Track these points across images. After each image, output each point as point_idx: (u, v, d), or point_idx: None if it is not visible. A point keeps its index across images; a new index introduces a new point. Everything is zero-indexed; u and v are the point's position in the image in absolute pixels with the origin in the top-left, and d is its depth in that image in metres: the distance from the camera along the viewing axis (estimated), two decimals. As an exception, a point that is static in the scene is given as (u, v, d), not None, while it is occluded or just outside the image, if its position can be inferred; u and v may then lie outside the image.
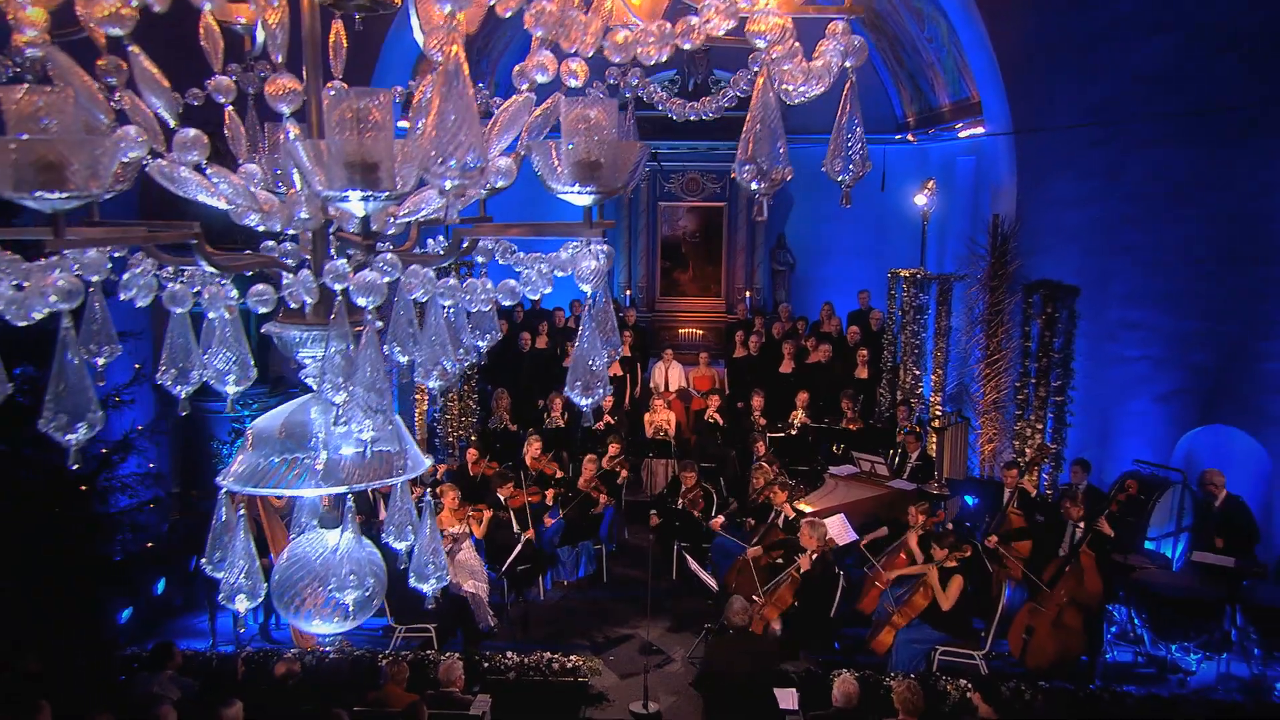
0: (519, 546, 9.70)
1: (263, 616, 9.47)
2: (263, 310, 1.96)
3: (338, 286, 1.69)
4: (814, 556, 8.67)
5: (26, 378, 8.19)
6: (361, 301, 1.67)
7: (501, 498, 10.12)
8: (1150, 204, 10.31)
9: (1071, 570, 8.35)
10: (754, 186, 1.85)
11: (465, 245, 1.92)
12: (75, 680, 7.09)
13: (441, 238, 1.92)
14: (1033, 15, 10.46)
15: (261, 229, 2.01)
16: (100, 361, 1.98)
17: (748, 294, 16.08)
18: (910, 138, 15.33)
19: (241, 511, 2.37)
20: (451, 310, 1.98)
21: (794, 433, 12.33)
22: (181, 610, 9.73)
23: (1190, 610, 8.60)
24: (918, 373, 12.30)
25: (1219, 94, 9.66)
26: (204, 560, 2.35)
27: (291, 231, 2.02)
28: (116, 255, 2.04)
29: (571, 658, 8.15)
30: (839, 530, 9.29)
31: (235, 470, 2.12)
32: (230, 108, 2.27)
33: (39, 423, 1.85)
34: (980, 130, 11.97)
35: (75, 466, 1.94)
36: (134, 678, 7.38)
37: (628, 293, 16.37)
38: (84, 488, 8.40)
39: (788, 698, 7.10)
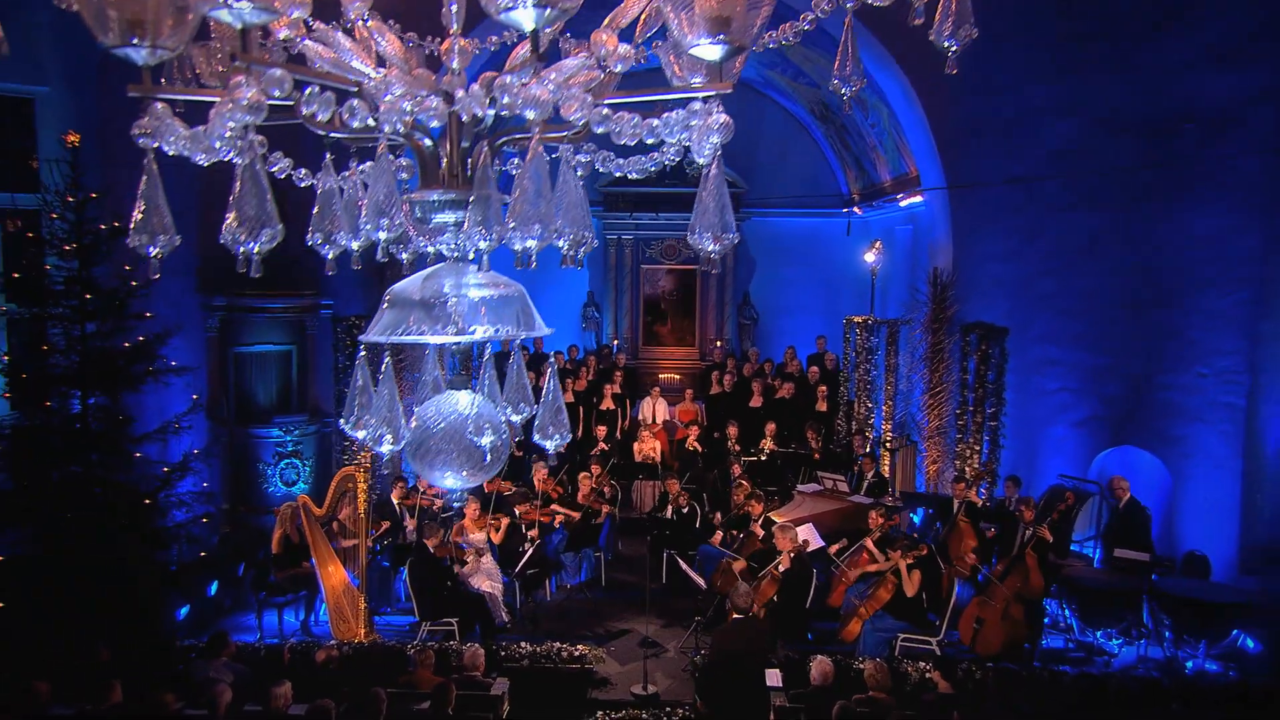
0: (528, 553, 9.57)
1: (304, 614, 9.24)
2: (435, 123, 1.82)
3: (505, 100, 1.61)
4: (791, 556, 8.61)
5: (99, 407, 8.07)
6: (530, 116, 1.59)
7: (518, 513, 10.05)
8: (1064, 259, 10.52)
9: (1018, 569, 8.34)
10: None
11: (584, 122, 1.81)
12: (140, 666, 6.87)
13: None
14: (964, 101, 10.74)
15: (386, 128, 1.86)
16: (255, 249, 1.76)
17: (718, 343, 16.20)
18: (857, 209, 15.59)
19: (386, 364, 2.19)
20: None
21: (764, 458, 12.34)
22: (231, 610, 9.50)
23: (1111, 600, 8.62)
24: (870, 405, 12.34)
25: (1118, 167, 9.94)
26: (342, 420, 2.21)
27: (429, 119, 1.87)
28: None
29: (578, 647, 7.98)
30: (808, 537, 9.24)
31: (375, 327, 2.03)
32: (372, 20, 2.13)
33: (222, 231, 1.68)
34: (919, 199, 12.19)
35: (257, 275, 1.75)
36: (192, 664, 7.16)
37: (615, 342, 16.42)
38: (147, 502, 8.23)
39: (772, 676, 6.99)
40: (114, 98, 8.97)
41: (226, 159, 1.71)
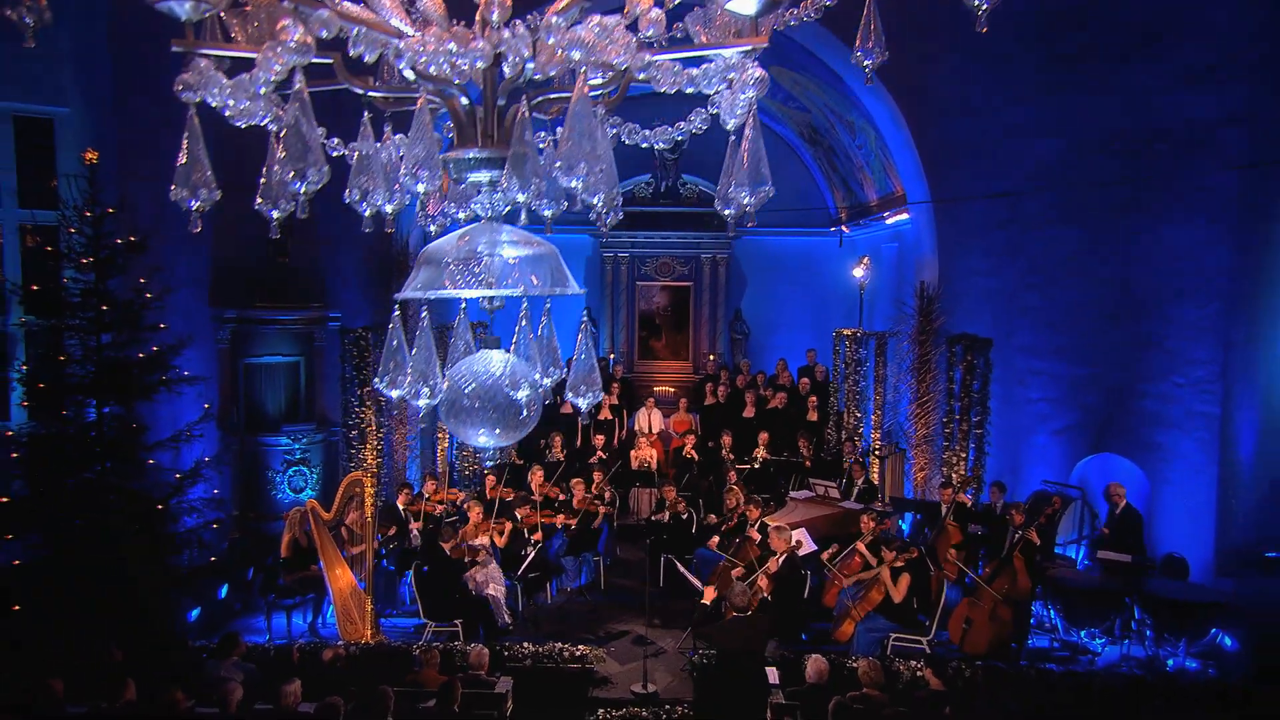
0: (530, 556, 9.52)
1: (312, 616, 9.17)
2: (481, 65, 1.77)
3: (550, 41, 1.60)
4: (782, 559, 8.59)
5: (113, 415, 8.03)
6: (575, 56, 1.57)
7: (519, 516, 10.01)
8: (1045, 273, 10.57)
9: (1006, 571, 8.33)
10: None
11: (625, 68, 1.78)
12: (152, 666, 6.80)
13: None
14: (948, 122, 10.83)
15: (432, 69, 1.83)
16: (301, 189, 1.70)
17: (711, 357, 16.24)
18: (845, 228, 15.65)
19: (424, 319, 2.15)
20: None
21: (757, 466, 12.33)
22: (240, 613, 9.42)
23: (1095, 601, 8.61)
24: (859, 414, 12.34)
25: (1096, 184, 10.02)
26: (375, 379, 2.17)
27: (458, 80, 1.85)
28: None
29: (579, 648, 7.93)
30: (801, 539, 9.22)
31: (410, 284, 2.01)
32: None
33: (273, 173, 1.65)
34: (905, 217, 12.25)
35: (304, 216, 1.71)
36: (203, 664, 7.09)
37: (612, 355, 16.43)
38: (159, 508, 8.18)
39: (770, 674, 6.96)
40: (130, 118, 9.00)
41: (263, 123, 1.70)
